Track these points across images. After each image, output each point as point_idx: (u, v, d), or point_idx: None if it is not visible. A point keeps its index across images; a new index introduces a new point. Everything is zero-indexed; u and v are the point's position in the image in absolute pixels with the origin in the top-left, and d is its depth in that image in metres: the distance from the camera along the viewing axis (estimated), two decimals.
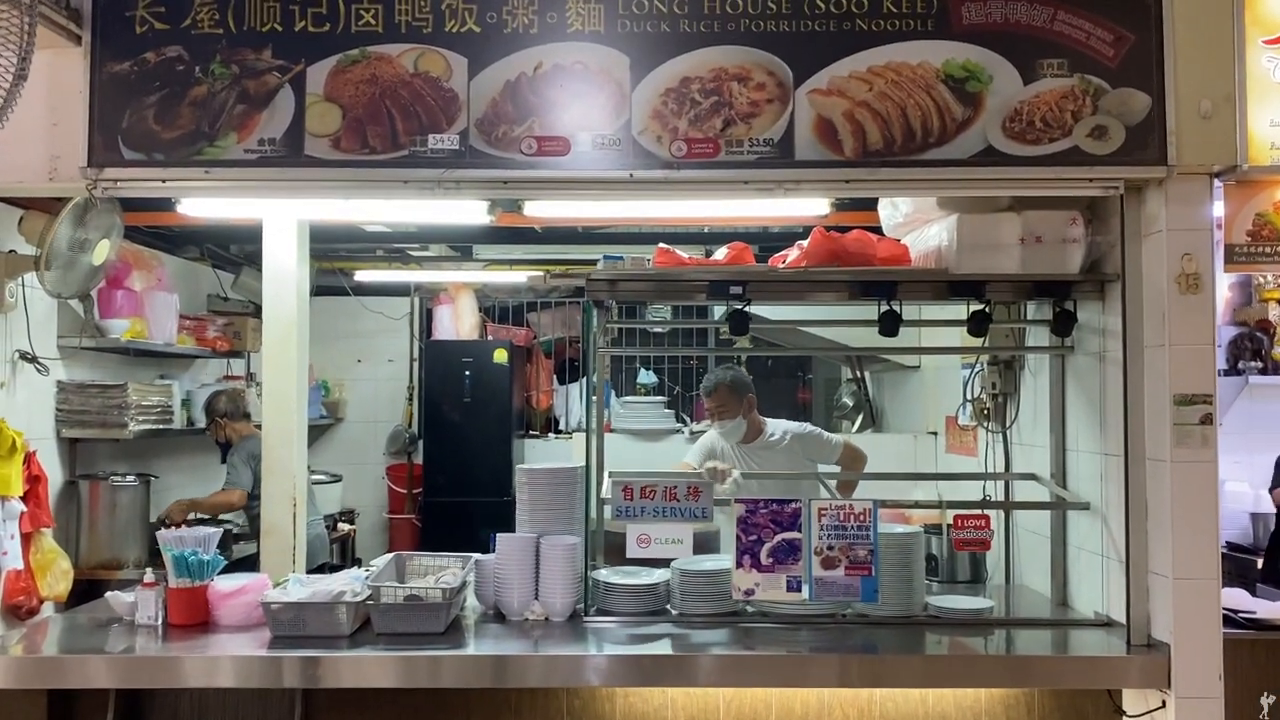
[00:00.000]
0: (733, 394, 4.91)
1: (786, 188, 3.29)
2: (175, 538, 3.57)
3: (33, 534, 4.63)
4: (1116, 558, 3.49)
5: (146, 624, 3.51)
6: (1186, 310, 3.27)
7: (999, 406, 4.51)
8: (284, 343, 4.97)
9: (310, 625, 3.38)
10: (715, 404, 4.94)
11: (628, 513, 3.58)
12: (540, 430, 8.28)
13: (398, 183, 3.32)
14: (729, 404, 4.90)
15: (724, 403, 4.91)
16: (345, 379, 8.47)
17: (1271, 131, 3.23)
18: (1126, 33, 3.27)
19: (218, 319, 6.44)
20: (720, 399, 4.92)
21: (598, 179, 3.31)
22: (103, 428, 5.08)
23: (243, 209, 4.24)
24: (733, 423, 4.92)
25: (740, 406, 4.92)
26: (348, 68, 3.29)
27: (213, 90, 3.28)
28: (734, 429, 4.94)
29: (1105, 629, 3.54)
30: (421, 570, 3.78)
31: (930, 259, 3.83)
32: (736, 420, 4.92)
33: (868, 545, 3.49)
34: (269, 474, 4.98)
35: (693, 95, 3.27)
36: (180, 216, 4.56)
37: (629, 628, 3.56)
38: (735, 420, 4.92)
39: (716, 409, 4.94)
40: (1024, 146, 3.26)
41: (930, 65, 3.27)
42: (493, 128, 3.29)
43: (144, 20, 3.30)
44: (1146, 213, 3.39)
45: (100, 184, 3.29)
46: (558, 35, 3.30)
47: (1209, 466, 3.25)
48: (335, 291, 8.09)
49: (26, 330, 4.73)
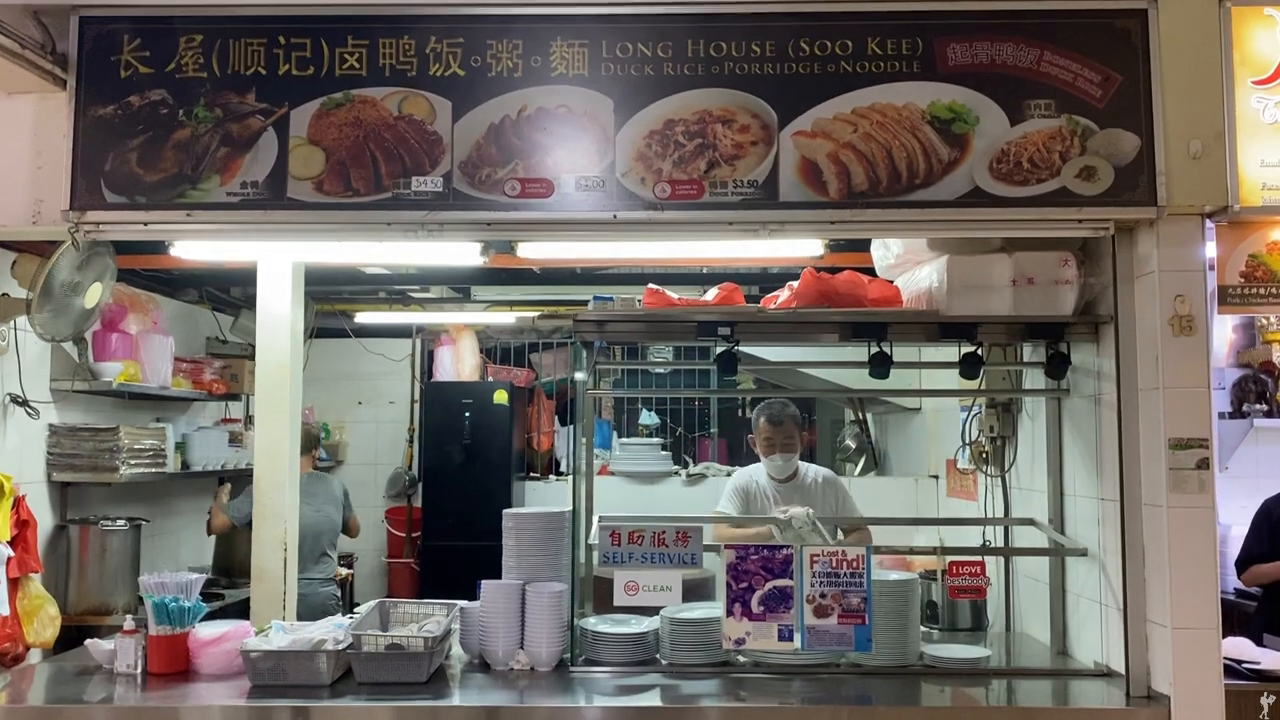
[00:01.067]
0: (798, 427, 4.85)
1: (771, 229, 3.26)
2: (156, 584, 3.53)
3: (20, 579, 4.58)
4: (1115, 606, 3.41)
5: (126, 672, 3.46)
6: (1180, 352, 3.22)
7: (997, 450, 4.45)
8: (277, 386, 4.95)
9: (290, 674, 3.32)
10: (783, 436, 4.80)
11: (615, 558, 3.52)
12: (542, 472, 8.22)
13: (381, 225, 3.30)
14: (795, 437, 4.82)
15: (791, 435, 4.81)
16: (346, 421, 8.43)
17: (1263, 172, 3.19)
18: (1114, 73, 3.24)
19: (215, 362, 6.43)
20: (789, 431, 4.81)
21: (582, 220, 3.29)
22: (94, 471, 5.05)
23: (231, 251, 4.24)
24: (794, 457, 4.84)
25: (801, 441, 4.86)
26: (331, 111, 3.29)
27: (196, 133, 3.28)
28: (788, 464, 4.84)
29: (1105, 679, 3.46)
30: (405, 618, 3.72)
31: (922, 300, 3.79)
32: (796, 456, 4.85)
33: (861, 592, 3.42)
34: (260, 519, 4.93)
35: (677, 137, 3.26)
36: (178, 260, 4.56)
37: (617, 678, 3.49)
38: (795, 455, 4.84)
39: (784, 441, 4.80)
40: (1012, 187, 3.23)
41: (916, 106, 3.25)
42: (476, 170, 3.28)
43: (129, 64, 3.31)
44: (1138, 254, 3.35)
45: (82, 227, 3.28)
46: (542, 78, 3.29)
47: (1207, 512, 3.18)
48: (336, 334, 8.09)
49: (18, 373, 4.72)
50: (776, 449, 4.80)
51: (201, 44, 3.31)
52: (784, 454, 4.80)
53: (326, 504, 5.95)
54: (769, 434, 4.83)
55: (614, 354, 4.47)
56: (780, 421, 4.80)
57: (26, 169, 3.35)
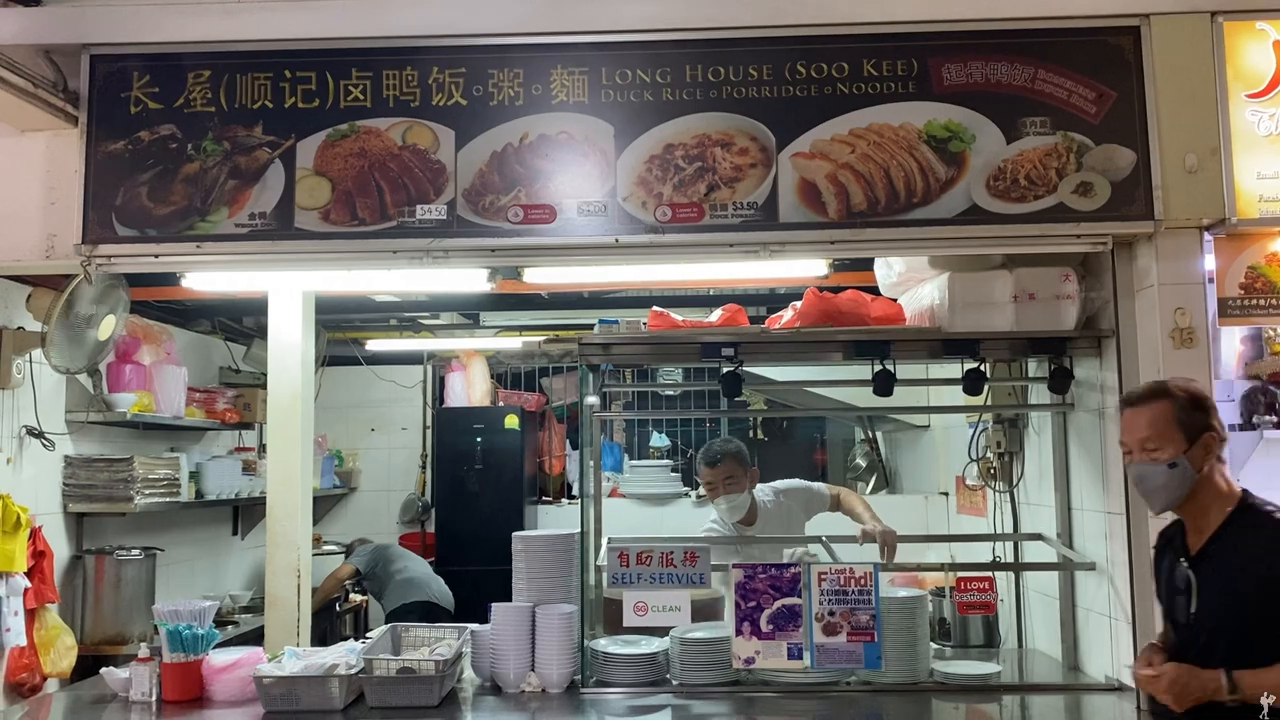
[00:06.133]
0: (740, 464, 4.36)
1: (771, 250, 3.30)
2: (170, 612, 3.56)
3: (37, 610, 4.61)
4: (1125, 620, 3.41)
5: (141, 700, 3.48)
6: (1182, 364, 3.23)
7: (1004, 466, 4.45)
8: (289, 414, 5.00)
9: (303, 699, 3.34)
10: (722, 475, 4.35)
11: (624, 579, 3.53)
12: (554, 496, 8.23)
13: (387, 253, 3.36)
14: (737, 476, 4.35)
15: (732, 474, 4.34)
16: (359, 448, 8.47)
17: (1259, 184, 3.22)
18: (1108, 90, 3.28)
19: (228, 391, 6.48)
20: (729, 469, 4.34)
21: (584, 245, 3.34)
22: (109, 501, 5.08)
23: (242, 282, 4.31)
24: (740, 497, 4.36)
25: (747, 479, 4.39)
26: (337, 142, 3.35)
27: (205, 167, 3.35)
28: (739, 505, 4.38)
29: (1116, 694, 3.44)
30: (417, 642, 3.74)
31: (924, 318, 3.81)
32: (744, 495, 4.37)
33: (870, 610, 3.42)
34: (274, 546, 4.97)
35: (676, 161, 3.31)
36: (190, 291, 4.63)
37: (628, 699, 3.50)
38: (743, 495, 4.37)
39: (723, 482, 4.35)
40: (1009, 204, 3.26)
41: (912, 126, 3.29)
42: (480, 197, 3.33)
43: (138, 100, 3.39)
44: (1138, 268, 3.38)
45: (94, 260, 3.35)
46: (543, 106, 3.35)
47: None
48: (348, 361, 8.15)
49: (34, 405, 4.77)
50: (720, 491, 4.36)
51: (209, 79, 3.39)
52: (728, 495, 4.35)
53: None
54: (707, 478, 4.42)
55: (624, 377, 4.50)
56: (715, 463, 4.36)
57: (40, 204, 3.43)
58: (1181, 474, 2.60)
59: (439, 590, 6.57)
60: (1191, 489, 2.62)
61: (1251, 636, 2.49)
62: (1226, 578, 2.57)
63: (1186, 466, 2.60)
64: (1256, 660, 2.45)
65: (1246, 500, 2.64)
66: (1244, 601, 2.52)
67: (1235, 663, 2.47)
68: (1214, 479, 2.63)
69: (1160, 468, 2.61)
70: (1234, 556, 2.57)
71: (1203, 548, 2.64)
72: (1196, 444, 2.60)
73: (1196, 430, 2.61)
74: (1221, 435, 2.65)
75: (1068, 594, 3.88)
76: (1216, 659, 2.51)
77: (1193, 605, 2.63)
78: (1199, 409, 2.64)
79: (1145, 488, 2.68)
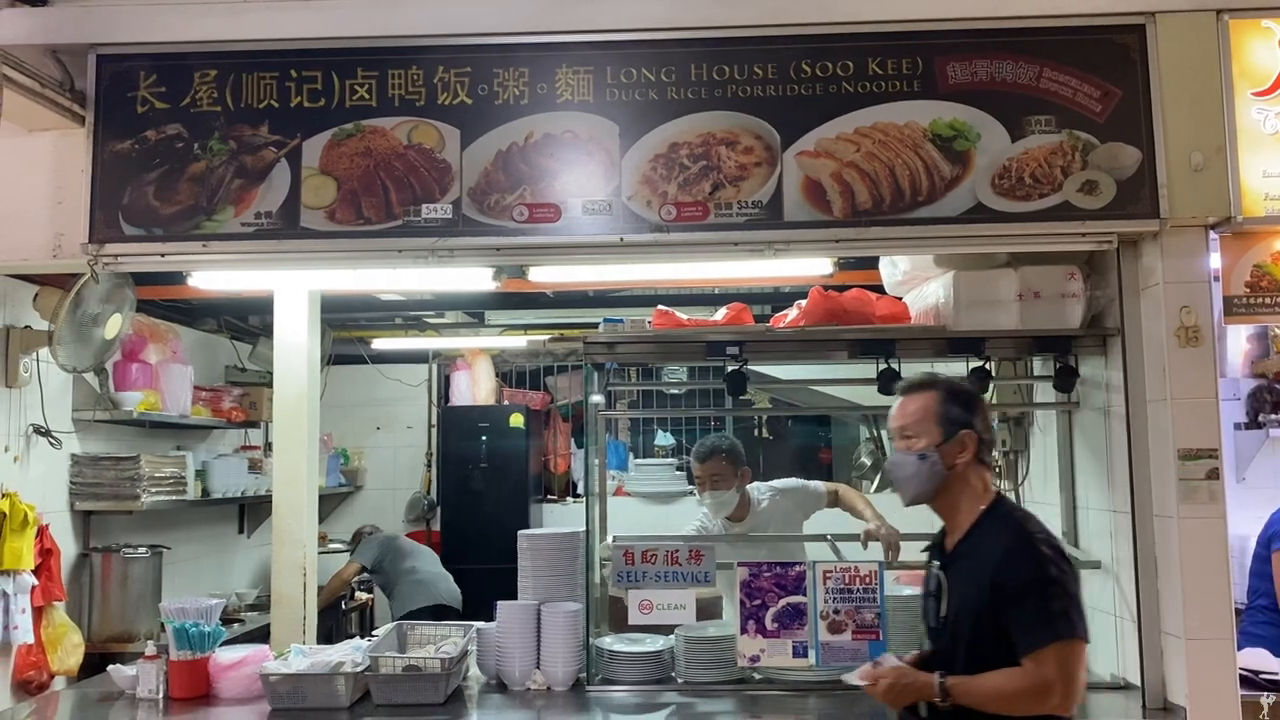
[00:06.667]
0: (730, 463, 4.36)
1: (776, 248, 3.30)
2: (177, 609, 3.57)
3: (44, 608, 4.63)
4: (1130, 618, 3.41)
5: (147, 697, 3.50)
6: (1187, 363, 3.23)
7: (1010, 464, 4.45)
8: (295, 412, 5.01)
9: (309, 697, 3.35)
10: (709, 472, 4.35)
11: (629, 577, 3.54)
12: (559, 494, 8.24)
13: (392, 252, 3.37)
14: (725, 474, 4.34)
15: (719, 471, 4.34)
16: (364, 447, 8.49)
17: (1265, 182, 3.21)
18: (1113, 88, 3.27)
19: (234, 390, 6.50)
20: (716, 467, 4.34)
21: (588, 244, 3.34)
22: (116, 500, 5.10)
23: (248, 281, 4.32)
24: (726, 494, 4.34)
25: (736, 478, 4.37)
26: (343, 141, 3.36)
27: (211, 166, 3.36)
28: (725, 502, 4.37)
29: (1122, 692, 3.44)
30: (423, 639, 3.75)
31: (929, 316, 3.81)
32: (730, 493, 4.35)
33: (874, 608, 3.43)
34: (280, 544, 4.98)
35: (681, 160, 3.31)
36: (196, 290, 4.64)
37: (634, 697, 3.51)
38: (729, 492, 4.35)
39: (710, 478, 4.34)
40: (1014, 203, 3.26)
41: (917, 125, 3.29)
42: (485, 196, 3.33)
43: (145, 100, 3.39)
44: (1143, 266, 3.37)
45: (101, 259, 3.36)
46: (548, 105, 3.36)
47: (1217, 523, 3.18)
48: (353, 360, 8.16)
49: (41, 404, 4.79)
50: (706, 486, 4.37)
51: (215, 79, 3.39)
52: (714, 491, 4.34)
53: None
54: (696, 472, 4.45)
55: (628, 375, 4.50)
56: (706, 458, 4.37)
57: (47, 204, 3.44)
58: (931, 467, 2.58)
59: (447, 590, 6.56)
60: (942, 485, 2.59)
61: (984, 642, 2.46)
62: (966, 581, 2.54)
63: (937, 460, 2.57)
64: (990, 666, 2.44)
65: (997, 503, 2.61)
66: (977, 606, 2.48)
67: (972, 668, 2.46)
68: (969, 478, 2.60)
69: (911, 458, 2.60)
70: (975, 559, 2.53)
71: (953, 549, 2.62)
72: (952, 440, 2.57)
73: (955, 426, 2.58)
74: (984, 436, 2.61)
75: None
76: (959, 664, 2.49)
77: (942, 608, 2.60)
78: (962, 406, 2.61)
79: (894, 476, 2.66)
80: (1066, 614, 2.39)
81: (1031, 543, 2.47)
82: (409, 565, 6.60)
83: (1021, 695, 2.39)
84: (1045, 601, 2.39)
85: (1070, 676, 2.37)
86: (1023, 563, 2.44)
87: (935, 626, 2.65)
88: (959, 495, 2.61)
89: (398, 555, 6.66)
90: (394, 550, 6.69)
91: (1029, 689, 2.38)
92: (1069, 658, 2.38)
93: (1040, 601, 2.39)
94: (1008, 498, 2.65)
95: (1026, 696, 2.38)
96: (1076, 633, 2.40)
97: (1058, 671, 2.36)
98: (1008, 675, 2.41)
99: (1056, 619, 2.38)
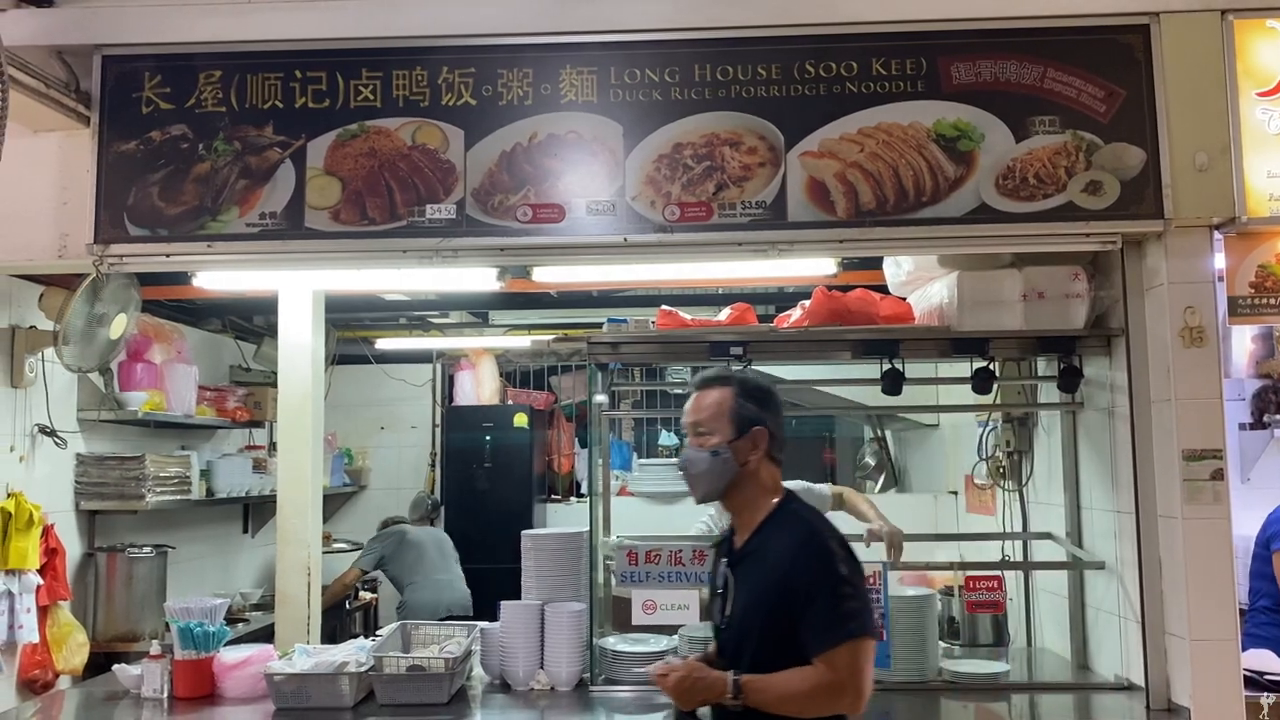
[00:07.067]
0: None
1: (780, 248, 3.30)
2: (182, 609, 3.58)
3: (49, 607, 4.64)
4: (1134, 619, 3.41)
5: (152, 697, 3.51)
6: (1192, 364, 3.23)
7: (1014, 465, 4.45)
8: (299, 412, 5.01)
9: (313, 697, 3.36)
10: None
11: (633, 578, 3.54)
12: (563, 494, 8.25)
13: (396, 252, 3.37)
14: None
15: None
16: (368, 446, 8.50)
17: (1269, 183, 3.20)
18: (1117, 88, 3.27)
19: (238, 389, 6.51)
20: None
21: (592, 244, 3.35)
22: (120, 499, 5.11)
23: (252, 281, 4.32)
24: None
25: None
26: (347, 142, 3.37)
27: (215, 166, 3.36)
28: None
29: (1126, 693, 3.44)
30: (426, 639, 3.76)
31: (933, 316, 3.81)
32: None
33: (878, 609, 3.42)
34: (284, 544, 4.99)
35: (685, 160, 3.31)
36: (201, 290, 4.65)
37: (637, 697, 3.51)
38: None
39: None
40: (1018, 203, 3.26)
41: (921, 125, 3.29)
42: (489, 197, 3.34)
43: (150, 101, 3.40)
44: (1147, 266, 3.37)
45: (106, 259, 3.37)
46: (552, 106, 3.36)
47: (1222, 523, 3.18)
48: (357, 360, 8.17)
49: (46, 404, 4.80)
50: None
51: (220, 79, 3.40)
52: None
53: None
54: None
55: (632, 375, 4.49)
56: None
57: (52, 204, 3.44)
58: (723, 464, 2.50)
59: (452, 600, 6.48)
60: (733, 482, 2.53)
61: (771, 642, 2.39)
62: (754, 580, 2.48)
63: (729, 457, 2.50)
64: (776, 666, 2.36)
65: (786, 501, 2.55)
66: (764, 604, 2.42)
67: (758, 668, 2.39)
68: (760, 476, 2.53)
69: (703, 454, 2.52)
70: (763, 558, 2.47)
71: (741, 547, 2.56)
72: (745, 436, 2.51)
73: (748, 423, 2.51)
74: (776, 433, 2.54)
75: (1077, 593, 3.88)
76: (744, 663, 2.43)
77: (728, 606, 2.54)
78: (755, 402, 2.54)
79: (687, 473, 2.59)
80: (857, 613, 2.33)
81: (821, 541, 2.41)
82: (415, 571, 6.59)
83: (815, 695, 2.31)
84: (837, 600, 2.32)
85: (860, 676, 2.31)
86: (813, 561, 2.37)
87: (721, 625, 2.58)
88: (750, 493, 2.54)
89: (405, 555, 6.65)
90: (401, 549, 6.68)
91: (822, 689, 2.30)
92: (860, 656, 2.31)
93: (832, 600, 2.32)
94: (798, 496, 2.57)
95: (820, 696, 2.31)
96: (867, 630, 2.34)
97: (850, 671, 2.30)
98: (801, 675, 2.33)
99: (848, 618, 2.32)
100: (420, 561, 6.67)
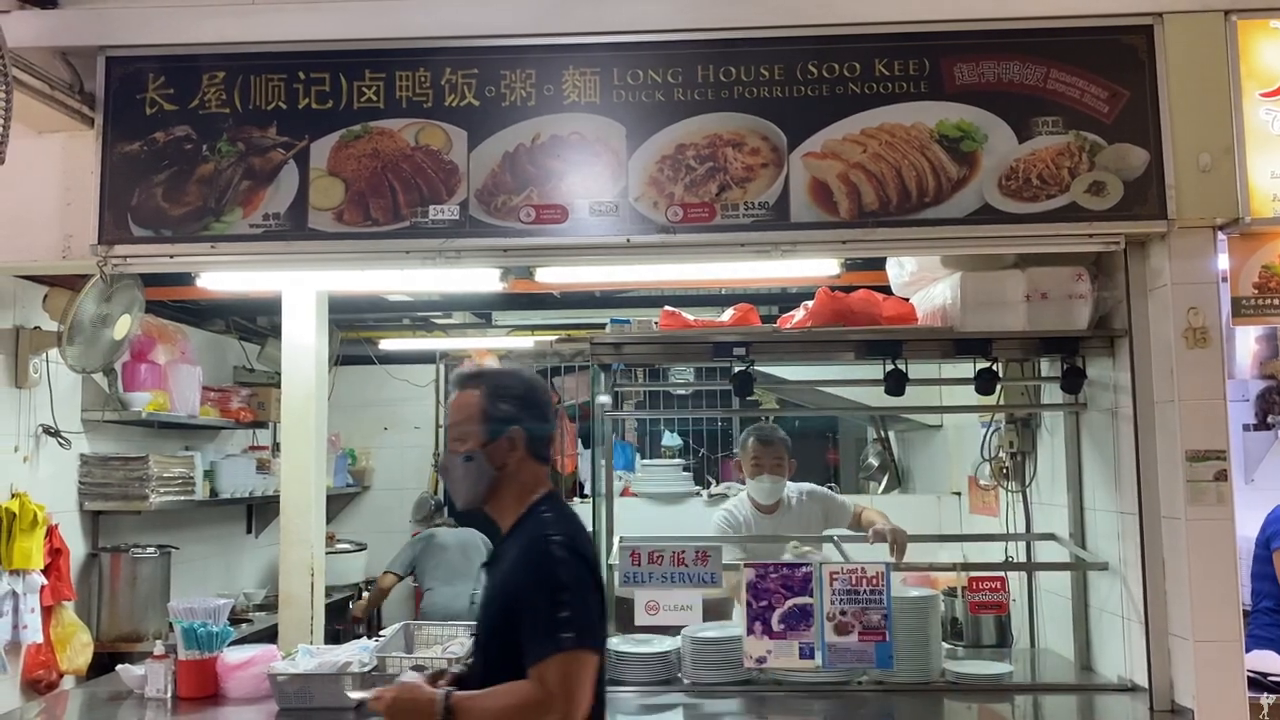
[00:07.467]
0: (788, 450, 4.49)
1: (783, 249, 3.30)
2: (185, 609, 3.59)
3: (53, 607, 4.65)
4: (1137, 619, 3.41)
5: (156, 697, 3.52)
6: (1195, 364, 3.22)
7: (1017, 465, 4.44)
8: (303, 413, 5.01)
9: (316, 697, 3.37)
10: (773, 457, 4.44)
11: (635, 578, 3.54)
12: (566, 495, 8.24)
13: (400, 253, 3.37)
14: (784, 460, 4.46)
15: (780, 457, 4.45)
16: (371, 447, 8.51)
17: (1273, 183, 3.20)
18: (1121, 89, 3.27)
19: (242, 390, 6.52)
20: (779, 451, 4.45)
21: (595, 245, 3.35)
22: (124, 500, 5.12)
23: (256, 282, 4.33)
24: (781, 481, 4.46)
25: (789, 468, 4.50)
26: (350, 143, 3.37)
27: (219, 167, 3.37)
28: (776, 488, 4.46)
29: (1129, 694, 3.44)
30: (430, 640, 3.76)
31: (936, 317, 3.81)
32: (784, 480, 4.48)
33: (881, 609, 3.43)
34: (288, 544, 4.99)
35: (688, 161, 3.31)
36: (205, 291, 4.66)
37: (640, 697, 3.52)
38: (783, 480, 4.47)
39: (773, 463, 4.43)
40: (1021, 204, 3.26)
41: (924, 126, 3.29)
42: (492, 197, 3.34)
43: (154, 102, 3.41)
44: (1151, 267, 3.37)
45: (110, 260, 3.38)
46: (555, 107, 3.36)
47: (1225, 524, 3.17)
48: (361, 361, 8.18)
49: (50, 405, 4.81)
50: (765, 470, 4.44)
51: (224, 80, 3.41)
52: (773, 476, 4.43)
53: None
54: (758, 454, 4.48)
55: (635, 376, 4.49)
56: (770, 442, 4.47)
57: (56, 205, 3.45)
58: (478, 469, 2.40)
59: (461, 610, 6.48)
60: (492, 487, 2.42)
61: (499, 651, 2.29)
62: (492, 585, 2.41)
63: (483, 462, 2.39)
64: (509, 677, 2.23)
65: (540, 501, 2.43)
66: (493, 613, 2.35)
67: (489, 682, 2.27)
68: (521, 477, 2.43)
69: (457, 460, 2.42)
70: (502, 563, 2.38)
71: (495, 550, 2.49)
72: (500, 439, 2.40)
73: (501, 424, 2.40)
74: (535, 432, 2.43)
75: (1080, 594, 3.88)
76: (475, 679, 2.33)
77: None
78: (510, 402, 2.43)
79: (446, 480, 2.51)
80: (571, 623, 2.19)
81: (545, 544, 2.29)
82: (434, 575, 6.62)
83: (523, 711, 2.17)
84: (551, 609, 2.20)
85: (570, 691, 2.15)
86: (532, 567, 2.27)
87: (475, 634, 2.51)
88: (510, 496, 2.43)
89: (429, 558, 6.69)
90: (427, 552, 6.73)
91: (531, 705, 2.16)
92: (571, 670, 2.17)
93: (546, 609, 2.20)
94: (558, 495, 2.46)
95: (528, 712, 2.17)
96: (581, 643, 2.19)
97: (559, 685, 2.15)
98: (511, 690, 2.20)
99: (560, 628, 2.18)
100: (439, 566, 6.67)
